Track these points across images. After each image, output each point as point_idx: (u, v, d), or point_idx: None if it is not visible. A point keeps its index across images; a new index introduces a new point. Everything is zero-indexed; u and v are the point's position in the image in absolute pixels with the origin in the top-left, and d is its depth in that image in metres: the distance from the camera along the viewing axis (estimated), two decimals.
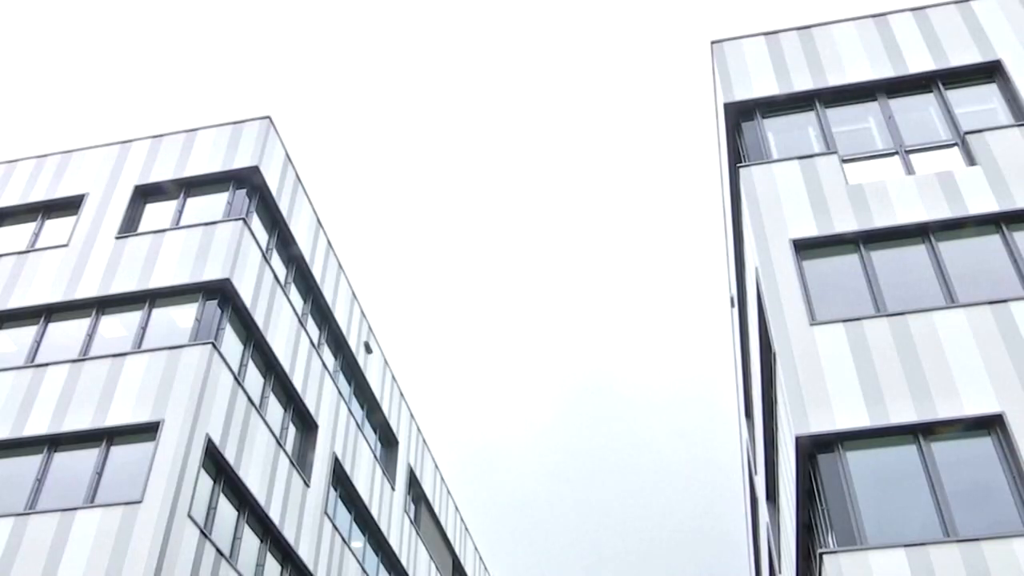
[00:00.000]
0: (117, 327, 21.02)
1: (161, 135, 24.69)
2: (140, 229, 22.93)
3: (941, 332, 15.12)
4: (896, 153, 18.26)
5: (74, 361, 20.10)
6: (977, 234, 16.56)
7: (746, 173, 18.55)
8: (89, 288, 21.52)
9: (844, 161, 18.27)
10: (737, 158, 20.37)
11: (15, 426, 19.30)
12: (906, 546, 12.95)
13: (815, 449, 14.46)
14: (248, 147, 23.60)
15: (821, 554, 13.35)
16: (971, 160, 17.53)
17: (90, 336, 20.85)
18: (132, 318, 21.09)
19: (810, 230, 17.17)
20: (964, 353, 14.76)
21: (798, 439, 14.46)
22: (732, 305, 24.69)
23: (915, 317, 15.40)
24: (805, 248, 17.07)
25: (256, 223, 23.12)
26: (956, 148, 17.98)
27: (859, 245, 16.88)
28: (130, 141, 24.80)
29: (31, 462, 18.93)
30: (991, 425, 14.01)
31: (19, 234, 23.81)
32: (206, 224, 22.08)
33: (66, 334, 21.13)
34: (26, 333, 21.41)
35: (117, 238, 22.39)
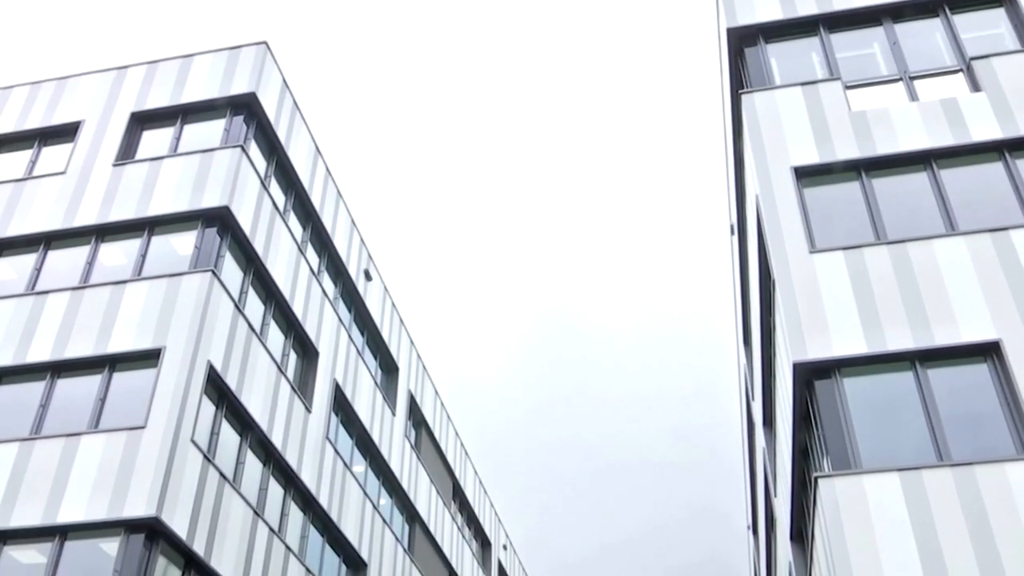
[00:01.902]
0: (117, 255, 21.03)
1: (157, 61, 24.37)
2: (138, 156, 22.78)
3: (941, 260, 15.12)
4: (900, 79, 18.05)
5: (75, 289, 20.15)
6: (980, 161, 16.45)
7: (748, 100, 18.37)
8: (88, 216, 21.47)
9: (847, 87, 18.08)
10: (739, 84, 20.15)
11: (17, 353, 19.42)
12: (900, 470, 13.13)
13: (812, 375, 14.58)
14: (245, 73, 23.32)
15: (816, 478, 13.54)
16: (976, 86, 17.34)
17: (90, 264, 20.87)
18: (131, 246, 21.08)
19: (811, 157, 17.06)
20: (963, 281, 14.79)
21: (796, 366, 14.56)
22: (732, 233, 24.66)
23: (915, 245, 15.38)
24: (806, 175, 16.98)
25: (254, 150, 22.97)
26: (961, 74, 17.77)
27: (860, 172, 16.80)
28: (125, 67, 24.50)
29: (34, 388, 19.09)
30: (988, 352, 14.10)
31: (16, 161, 23.67)
32: (204, 151, 21.93)
33: (66, 262, 21.15)
34: (26, 261, 21.42)
35: (115, 165, 22.26)
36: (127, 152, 22.78)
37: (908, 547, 12.52)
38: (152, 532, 16.77)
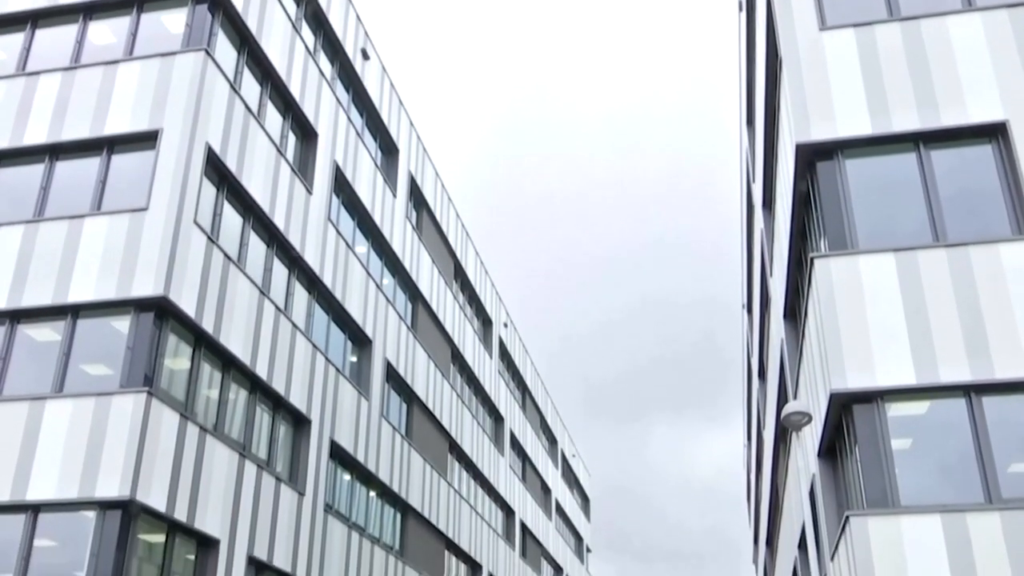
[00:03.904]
0: (106, 33, 20.41)
1: None
2: None
3: (954, 38, 14.69)
4: None
5: (66, 69, 19.70)
6: None
7: None
8: None
9: None
10: None
11: (14, 135, 19.23)
12: (895, 250, 13.29)
13: (815, 156, 14.49)
14: None
15: (812, 258, 13.73)
16: None
17: (80, 43, 20.29)
18: (121, 23, 20.42)
19: None
20: (975, 60, 14.42)
21: (799, 147, 14.44)
22: (740, 9, 23.84)
23: (928, 22, 14.90)
24: None
25: None
26: None
27: None
28: None
29: (34, 171, 19.04)
30: (993, 133, 13.94)
31: None
32: None
33: (55, 41, 20.55)
34: (14, 40, 20.81)
35: None
36: None
37: (898, 323, 12.87)
38: (161, 310, 17.20)
